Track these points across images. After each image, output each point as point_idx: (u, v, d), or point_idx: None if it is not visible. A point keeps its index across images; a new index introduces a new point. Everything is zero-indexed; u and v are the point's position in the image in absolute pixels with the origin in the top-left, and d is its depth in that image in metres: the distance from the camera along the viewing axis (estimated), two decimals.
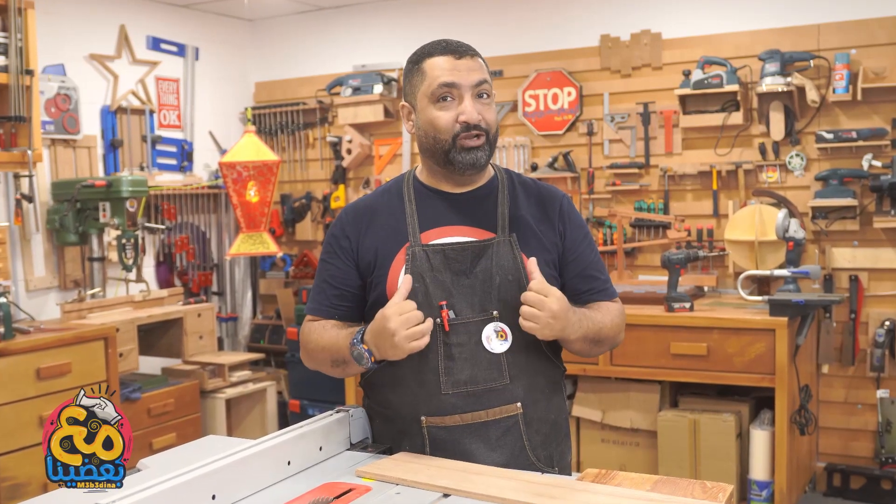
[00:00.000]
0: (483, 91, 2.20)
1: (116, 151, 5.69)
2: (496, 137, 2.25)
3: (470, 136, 2.17)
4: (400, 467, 2.00)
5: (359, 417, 2.28)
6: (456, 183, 2.28)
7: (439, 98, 2.18)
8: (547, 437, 2.26)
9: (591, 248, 2.34)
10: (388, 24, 6.23)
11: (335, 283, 2.29)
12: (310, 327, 2.31)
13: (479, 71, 2.20)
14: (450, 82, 2.17)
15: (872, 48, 4.78)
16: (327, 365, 2.26)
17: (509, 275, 2.19)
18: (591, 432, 4.85)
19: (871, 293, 4.87)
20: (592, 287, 2.31)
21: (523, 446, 2.20)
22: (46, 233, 5.21)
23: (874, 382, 4.84)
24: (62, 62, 5.33)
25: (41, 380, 4.21)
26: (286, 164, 6.59)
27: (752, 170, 5.09)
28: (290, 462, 2.01)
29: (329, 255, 2.32)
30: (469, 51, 2.22)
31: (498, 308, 2.18)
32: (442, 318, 2.14)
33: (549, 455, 2.26)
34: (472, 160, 2.18)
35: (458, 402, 2.16)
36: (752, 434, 4.40)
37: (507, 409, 2.18)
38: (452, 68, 2.18)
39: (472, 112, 2.16)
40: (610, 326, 2.26)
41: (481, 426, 2.17)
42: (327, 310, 2.30)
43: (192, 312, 5.34)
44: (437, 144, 2.20)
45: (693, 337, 4.40)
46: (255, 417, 5.76)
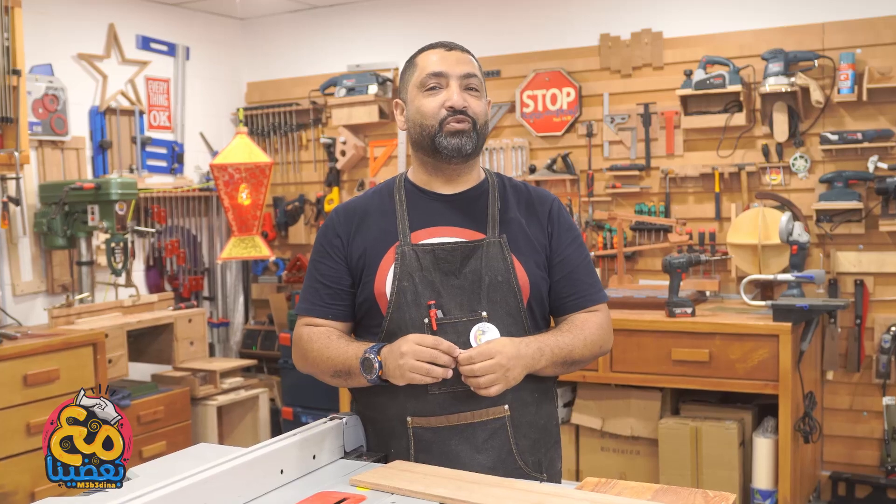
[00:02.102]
0: (471, 84, 2.28)
1: (105, 153, 5.69)
2: (485, 130, 2.31)
3: (455, 121, 2.24)
4: (395, 476, 2.00)
5: (353, 425, 2.29)
6: (446, 182, 2.34)
7: (428, 87, 2.27)
8: (535, 442, 2.29)
9: (579, 251, 2.38)
10: (384, 23, 6.24)
11: (328, 282, 2.33)
12: (310, 334, 2.32)
13: (468, 64, 2.29)
14: (437, 71, 2.26)
15: (878, 47, 4.79)
16: (328, 374, 2.28)
17: (498, 275, 2.24)
18: (591, 440, 4.85)
19: (876, 298, 4.87)
20: (575, 292, 2.35)
21: (511, 450, 2.23)
22: (34, 236, 5.21)
23: (880, 389, 4.84)
24: (50, 62, 5.33)
25: (28, 387, 4.21)
26: (279, 166, 6.59)
27: (756, 172, 5.10)
28: (282, 471, 2.02)
29: (320, 255, 2.36)
30: (461, 47, 2.32)
31: (486, 308, 2.22)
32: (430, 318, 2.19)
33: (538, 461, 2.29)
34: (457, 145, 2.24)
35: (444, 402, 2.19)
36: (755, 442, 4.41)
37: (493, 411, 2.22)
38: (441, 59, 2.28)
39: (458, 98, 2.24)
40: (583, 346, 2.28)
41: (467, 428, 2.20)
42: (321, 309, 2.33)
43: (183, 318, 5.33)
44: (424, 131, 2.27)
45: (695, 343, 4.41)
46: (247, 425, 5.75)
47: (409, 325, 2.21)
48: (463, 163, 2.29)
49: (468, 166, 2.33)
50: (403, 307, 2.22)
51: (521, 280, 2.26)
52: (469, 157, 2.28)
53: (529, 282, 2.27)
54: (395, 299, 2.23)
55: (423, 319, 2.20)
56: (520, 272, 2.26)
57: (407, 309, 2.22)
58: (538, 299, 2.31)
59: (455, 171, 2.32)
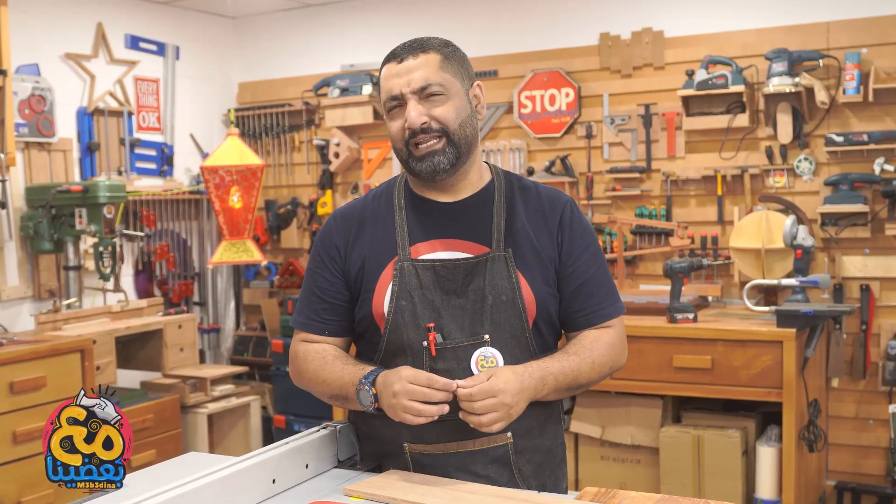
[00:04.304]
0: (432, 91, 2.14)
1: (93, 155, 5.68)
2: (464, 134, 2.18)
3: (418, 142, 2.14)
4: (390, 486, 2.00)
5: (347, 434, 2.28)
6: (443, 193, 2.24)
7: (390, 109, 2.18)
8: (540, 466, 2.23)
9: (592, 260, 2.25)
10: (378, 22, 6.25)
11: (324, 295, 2.26)
12: (306, 352, 2.27)
13: (422, 70, 2.14)
14: (393, 94, 2.16)
15: (884, 47, 4.80)
16: (324, 396, 2.23)
17: (503, 295, 2.15)
18: (591, 449, 4.85)
19: (883, 303, 4.88)
20: (585, 308, 2.23)
21: (512, 475, 2.17)
22: (20, 240, 5.21)
23: (886, 397, 4.85)
24: (36, 62, 5.33)
25: (14, 394, 4.21)
26: (271, 169, 6.60)
27: (759, 174, 5.11)
28: (275, 480, 2.02)
29: (317, 265, 2.29)
30: (412, 50, 2.17)
31: (489, 331, 2.14)
32: (429, 342, 2.11)
33: (542, 484, 2.21)
34: (429, 168, 2.16)
35: (443, 431, 2.12)
36: (759, 451, 4.41)
37: (495, 438, 2.14)
38: (394, 76, 2.16)
39: (414, 117, 2.12)
40: (590, 369, 2.18)
41: (468, 456, 2.14)
42: (317, 325, 2.27)
43: (173, 324, 5.34)
44: (399, 154, 2.20)
45: (697, 349, 4.41)
46: (239, 433, 5.75)
47: (406, 348, 2.14)
48: (449, 176, 2.19)
49: (461, 174, 2.22)
50: (401, 328, 2.15)
51: (527, 299, 2.16)
52: (452, 171, 2.18)
53: (536, 301, 2.17)
54: (393, 319, 2.15)
55: (422, 342, 2.12)
56: (525, 291, 2.16)
57: (405, 330, 2.14)
58: (546, 319, 2.21)
59: (447, 184, 2.23)
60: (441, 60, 2.16)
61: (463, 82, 2.20)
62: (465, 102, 2.19)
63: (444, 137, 2.14)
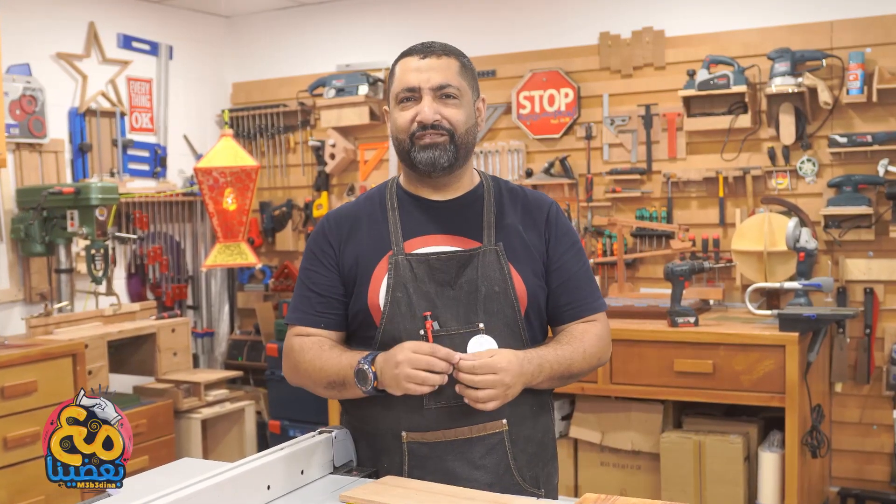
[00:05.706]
0: (447, 93, 2.26)
1: (85, 156, 5.69)
2: (467, 138, 2.30)
3: (426, 134, 2.24)
4: (387, 492, 2.01)
5: (343, 439, 2.30)
6: (436, 191, 2.35)
7: (402, 100, 2.27)
8: (533, 456, 2.31)
9: (577, 258, 2.39)
10: (374, 22, 6.25)
11: (320, 290, 2.33)
12: (301, 344, 2.33)
13: (443, 71, 2.27)
14: (410, 86, 2.25)
15: (888, 47, 4.81)
16: (321, 386, 2.28)
17: (495, 285, 2.25)
18: (590, 455, 4.86)
19: (887, 307, 4.89)
20: (573, 301, 2.36)
21: (508, 465, 2.24)
22: (11, 243, 5.21)
23: (891, 402, 4.86)
24: (27, 61, 5.34)
25: (5, 399, 4.20)
26: (265, 170, 6.60)
27: (761, 176, 5.11)
28: (269, 486, 2.02)
29: (311, 263, 2.37)
30: (437, 50, 2.29)
31: (483, 320, 2.23)
32: (426, 329, 2.19)
33: (535, 476, 2.31)
34: (430, 158, 2.25)
35: (440, 417, 2.20)
36: (761, 457, 4.42)
37: (491, 426, 2.23)
38: (414, 70, 2.27)
39: (428, 112, 2.23)
40: (582, 359, 2.30)
41: (464, 443, 2.21)
42: (313, 318, 2.34)
43: (166, 327, 5.33)
44: (401, 145, 2.29)
45: (698, 353, 4.42)
46: (233, 439, 5.75)
47: (403, 337, 2.21)
48: (445, 175, 2.30)
49: (455, 176, 2.34)
50: (397, 318, 2.23)
51: (519, 290, 2.28)
52: (449, 170, 2.29)
53: (527, 291, 2.29)
54: (389, 310, 2.24)
55: (419, 331, 2.21)
56: (517, 282, 2.28)
57: (401, 320, 2.22)
58: (536, 309, 2.32)
59: (441, 182, 2.34)
60: (460, 67, 2.31)
61: (472, 93, 2.34)
62: (472, 112, 2.33)
63: (449, 137, 2.26)
